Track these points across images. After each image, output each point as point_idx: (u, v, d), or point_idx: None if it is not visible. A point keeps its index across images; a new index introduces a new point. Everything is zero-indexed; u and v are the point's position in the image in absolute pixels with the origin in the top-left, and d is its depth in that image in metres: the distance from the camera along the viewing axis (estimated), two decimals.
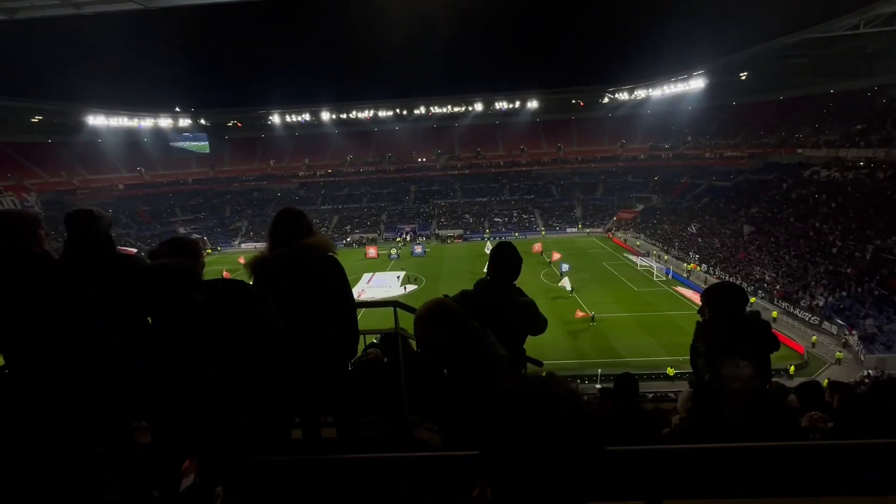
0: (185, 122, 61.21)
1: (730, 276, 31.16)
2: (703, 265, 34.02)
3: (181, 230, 54.05)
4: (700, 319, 2.67)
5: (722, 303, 2.58)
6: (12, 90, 40.74)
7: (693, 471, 1.65)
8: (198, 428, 2.08)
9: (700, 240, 38.66)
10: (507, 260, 2.70)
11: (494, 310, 2.60)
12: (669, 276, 32.97)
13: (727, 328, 2.50)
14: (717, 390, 2.45)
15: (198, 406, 1.94)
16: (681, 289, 30.62)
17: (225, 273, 28.57)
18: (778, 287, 27.39)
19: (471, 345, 2.07)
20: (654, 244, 42.97)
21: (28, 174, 49.07)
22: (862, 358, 20.08)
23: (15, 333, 1.93)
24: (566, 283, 30.48)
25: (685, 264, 35.35)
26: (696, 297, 28.81)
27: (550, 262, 36.54)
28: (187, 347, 1.97)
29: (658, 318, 25.40)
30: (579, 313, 25.30)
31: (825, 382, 4.62)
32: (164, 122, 59.22)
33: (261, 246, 2.56)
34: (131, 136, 58.35)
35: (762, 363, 2.47)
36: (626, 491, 1.41)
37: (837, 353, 20.69)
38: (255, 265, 2.42)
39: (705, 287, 2.76)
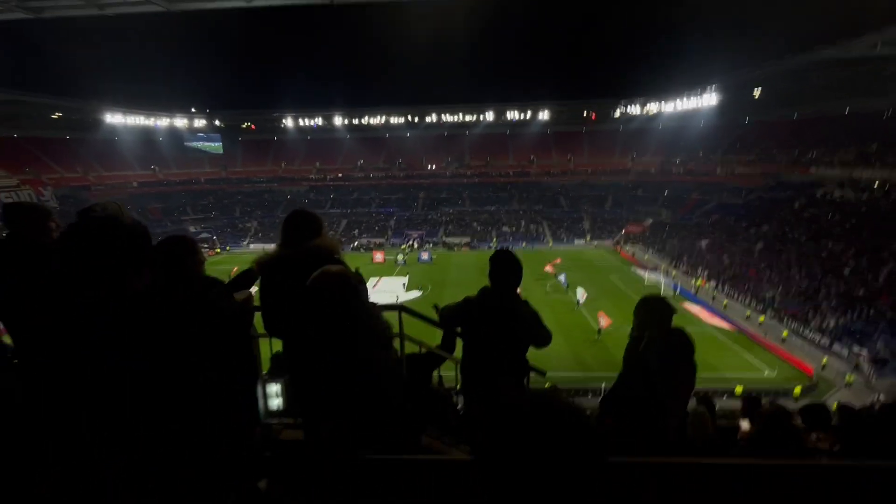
0: (199, 122, 62.17)
1: (739, 294, 30.83)
2: (712, 282, 33.68)
3: (191, 229, 54.63)
4: (640, 333, 2.66)
5: (666, 315, 2.62)
6: (35, 86, 41.72)
7: (695, 485, 1.63)
8: (198, 428, 2.09)
9: (709, 256, 38.32)
10: (505, 268, 2.65)
11: (496, 318, 2.58)
12: (677, 292, 32.64)
13: (671, 339, 2.57)
14: (672, 396, 2.54)
15: (198, 406, 1.95)
16: (688, 305, 30.29)
17: (233, 272, 28.74)
18: (788, 307, 27.05)
19: (359, 315, 2.06)
20: (662, 259, 42.65)
21: (46, 169, 50.03)
22: (873, 382, 19.69)
23: (15, 331, 1.96)
24: (580, 295, 29.93)
25: (693, 280, 35.03)
26: (703, 314, 28.52)
27: (555, 275, 36.36)
28: (187, 347, 1.98)
29: None
30: (604, 321, 25.07)
31: (835, 406, 4.55)
32: (180, 122, 60.20)
33: (269, 247, 2.60)
34: (147, 134, 59.33)
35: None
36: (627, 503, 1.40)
37: (848, 376, 20.30)
38: (263, 264, 2.45)
39: (641, 302, 2.73)
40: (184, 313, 1.99)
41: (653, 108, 57.43)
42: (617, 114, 61.08)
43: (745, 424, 3.50)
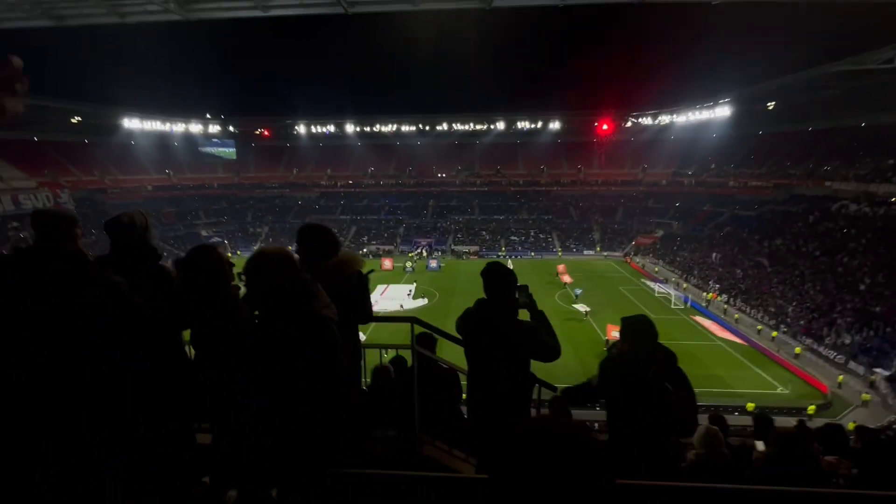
0: (214, 128, 63.03)
1: (751, 308, 30.35)
2: (724, 295, 33.22)
3: (203, 233, 55.28)
4: (635, 353, 2.66)
5: (656, 334, 2.70)
6: (55, 91, 42.57)
7: None
8: (197, 428, 2.08)
9: (721, 269, 37.83)
10: (498, 280, 2.62)
11: (491, 330, 2.55)
12: (688, 305, 32.24)
13: (666, 357, 2.66)
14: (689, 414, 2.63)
15: (198, 406, 1.94)
16: (699, 318, 29.90)
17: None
18: (802, 322, 26.55)
19: (295, 295, 1.97)
20: (672, 271, 42.21)
21: (64, 172, 51.00)
22: (890, 401, 19.20)
23: (15, 332, 1.99)
24: (579, 305, 30.21)
25: (704, 293, 34.59)
26: (714, 328, 28.10)
27: (566, 285, 36.16)
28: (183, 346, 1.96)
29: (674, 347, 24.68)
30: (612, 332, 24.57)
31: (851, 425, 4.42)
32: (195, 127, 61.10)
33: None
34: (163, 139, 60.24)
35: None
36: None
37: (863, 394, 19.81)
38: None
39: (629, 322, 2.78)
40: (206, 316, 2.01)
41: (664, 119, 57.19)
42: (628, 124, 60.89)
43: (759, 445, 3.40)
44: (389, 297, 33.01)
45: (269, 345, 1.97)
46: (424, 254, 50.44)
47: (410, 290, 34.94)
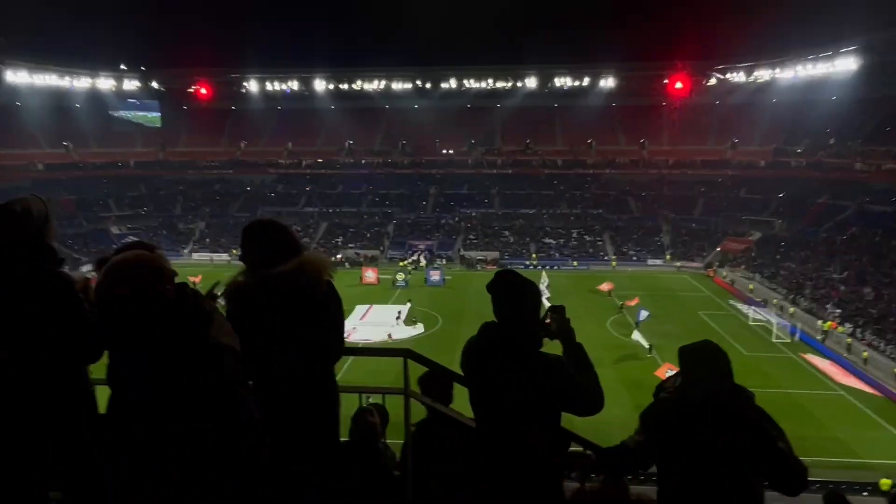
0: (131, 84, 63.33)
1: (887, 344, 30.08)
2: (848, 325, 32.96)
3: (114, 230, 55.67)
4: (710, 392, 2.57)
5: (726, 364, 2.53)
6: None
7: None
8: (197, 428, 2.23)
9: (843, 287, 37.58)
10: (509, 295, 2.56)
11: (506, 365, 2.47)
12: (796, 338, 32.02)
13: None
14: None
15: (198, 406, 2.14)
16: (812, 357, 29.67)
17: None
18: None
19: (188, 318, 2.01)
20: (774, 289, 42.02)
21: None
22: None
23: (15, 333, 2.24)
24: (639, 337, 30.06)
25: (820, 322, 34.37)
26: (833, 371, 27.89)
27: (622, 307, 36.02)
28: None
29: (776, 396, 24.56)
30: (665, 372, 24.48)
31: None
32: (105, 82, 61.38)
33: (217, 258, 2.69)
34: (60, 99, 60.56)
35: None
36: None
37: None
38: (233, 293, 2.50)
39: (689, 350, 2.58)
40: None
41: (763, 75, 56.96)
42: (712, 82, 60.74)
43: None
44: (372, 323, 33.03)
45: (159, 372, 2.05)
46: (423, 262, 50.49)
47: (401, 313, 34.97)
